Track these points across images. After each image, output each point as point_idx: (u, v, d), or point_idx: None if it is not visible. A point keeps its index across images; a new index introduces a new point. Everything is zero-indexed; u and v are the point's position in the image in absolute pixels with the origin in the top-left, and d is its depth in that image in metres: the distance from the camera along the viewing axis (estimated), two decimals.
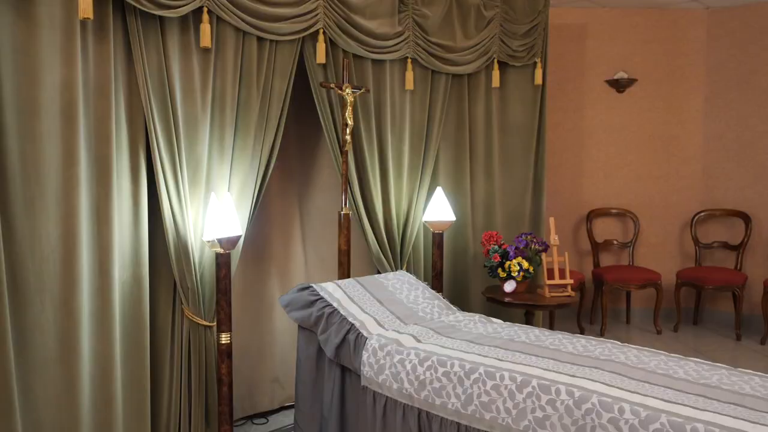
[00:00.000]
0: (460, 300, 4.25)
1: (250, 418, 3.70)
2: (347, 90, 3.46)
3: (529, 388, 2.33)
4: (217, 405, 2.99)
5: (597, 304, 5.57)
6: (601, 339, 2.83)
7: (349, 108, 3.46)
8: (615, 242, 5.83)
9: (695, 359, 2.56)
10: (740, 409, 2.08)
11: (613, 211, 5.83)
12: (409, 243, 3.98)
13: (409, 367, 2.66)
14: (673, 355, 2.63)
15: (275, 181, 3.81)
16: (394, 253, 3.91)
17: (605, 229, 5.90)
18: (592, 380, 2.31)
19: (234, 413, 3.61)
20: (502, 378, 2.41)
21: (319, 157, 4.02)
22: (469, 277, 4.35)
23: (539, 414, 2.29)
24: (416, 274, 4.04)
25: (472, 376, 2.47)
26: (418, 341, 2.80)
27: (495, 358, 2.55)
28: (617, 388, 2.25)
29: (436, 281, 3.88)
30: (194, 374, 2.98)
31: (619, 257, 5.91)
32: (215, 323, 2.99)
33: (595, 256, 5.79)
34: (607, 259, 5.90)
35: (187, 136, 2.90)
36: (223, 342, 2.94)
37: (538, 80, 4.47)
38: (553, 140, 5.81)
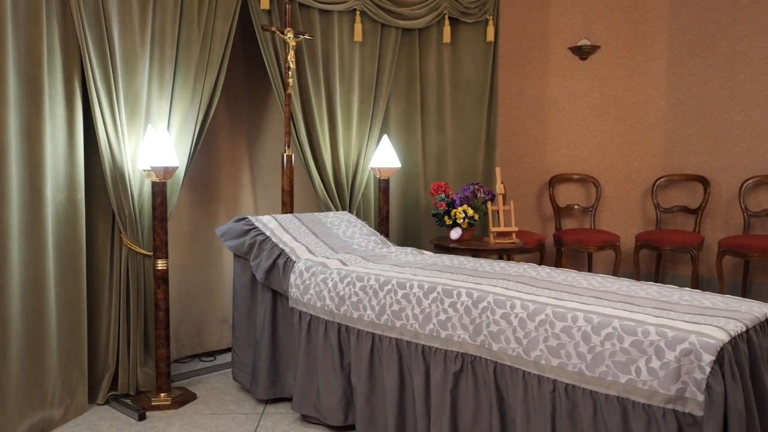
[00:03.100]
0: None
1: (198, 356, 3.81)
2: (289, 34, 3.56)
3: (435, 294, 2.44)
4: (154, 329, 3.10)
5: (558, 267, 5.66)
6: (521, 263, 2.93)
7: (292, 52, 3.57)
8: (576, 207, 5.92)
9: (604, 275, 2.66)
10: (626, 305, 2.17)
11: (575, 176, 5.92)
12: (359, 191, 4.08)
13: (330, 284, 2.76)
14: (584, 272, 2.72)
15: (224, 127, 3.92)
16: (343, 199, 4.01)
17: (568, 195, 5.99)
18: (494, 286, 2.41)
19: (183, 351, 3.74)
20: (411, 287, 2.51)
21: (269, 107, 4.13)
22: (420, 228, 4.45)
23: (442, 317, 2.39)
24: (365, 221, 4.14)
25: (386, 288, 2.58)
26: (344, 265, 2.91)
27: (410, 274, 2.66)
28: (514, 291, 2.35)
29: (381, 227, 3.98)
30: (132, 300, 3.08)
31: (582, 222, 6.00)
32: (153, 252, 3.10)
33: (557, 221, 5.88)
34: (569, 224, 5.99)
35: (125, 70, 3.00)
36: (160, 268, 3.04)
37: (490, 37, 4.57)
38: (517, 107, 5.91)
